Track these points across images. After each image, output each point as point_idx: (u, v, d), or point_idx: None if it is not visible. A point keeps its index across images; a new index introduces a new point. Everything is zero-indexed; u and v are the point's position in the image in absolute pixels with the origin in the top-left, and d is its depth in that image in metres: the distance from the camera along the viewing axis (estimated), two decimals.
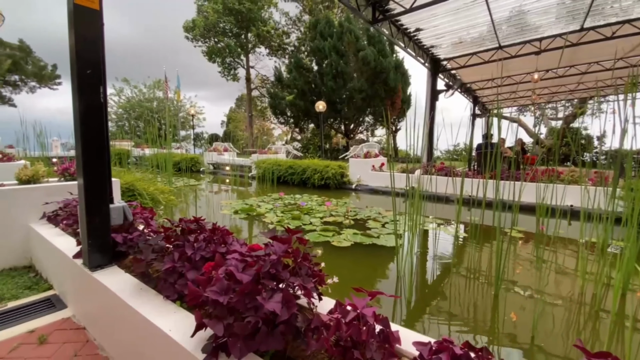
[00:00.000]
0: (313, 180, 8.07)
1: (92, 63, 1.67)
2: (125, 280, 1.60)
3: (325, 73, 18.07)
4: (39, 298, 2.14)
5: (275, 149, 13.51)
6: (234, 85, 29.66)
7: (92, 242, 1.71)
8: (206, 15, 25.25)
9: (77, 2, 1.61)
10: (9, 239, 2.63)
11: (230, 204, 5.92)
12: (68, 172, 3.15)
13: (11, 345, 1.64)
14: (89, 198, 1.69)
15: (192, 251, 1.41)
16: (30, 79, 24.31)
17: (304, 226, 4.28)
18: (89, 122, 1.67)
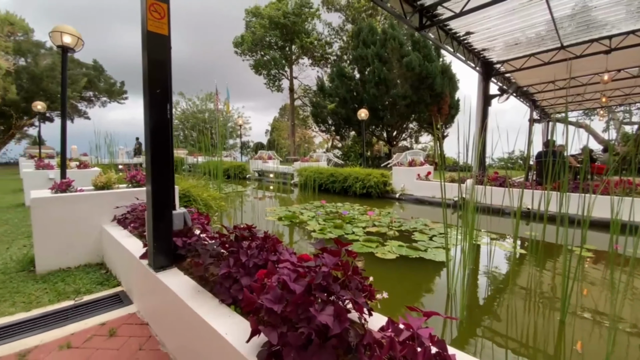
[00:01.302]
0: (354, 188, 8.02)
1: (161, 83, 1.85)
2: (184, 281, 1.71)
3: (367, 80, 18.02)
4: (109, 293, 2.37)
5: (316, 156, 13.69)
6: (278, 95, 30.87)
7: (157, 245, 1.87)
8: (253, 31, 26.64)
9: (149, 29, 1.80)
10: (85, 239, 2.97)
11: (274, 210, 6.10)
12: (135, 180, 3.49)
13: (85, 336, 1.84)
14: (156, 204, 1.86)
15: (246, 258, 1.47)
16: (102, 94, 27.50)
17: (346, 235, 4.26)
18: (157, 136, 1.85)
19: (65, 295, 2.33)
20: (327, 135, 25.76)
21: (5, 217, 4.98)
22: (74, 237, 2.89)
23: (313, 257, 1.42)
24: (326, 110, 19.10)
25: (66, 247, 2.86)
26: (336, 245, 1.37)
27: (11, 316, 2.03)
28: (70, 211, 2.88)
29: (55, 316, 2.05)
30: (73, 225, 2.89)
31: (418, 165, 8.26)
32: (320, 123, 20.59)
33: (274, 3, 26.30)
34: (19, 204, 6.11)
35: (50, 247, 2.79)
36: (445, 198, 2.41)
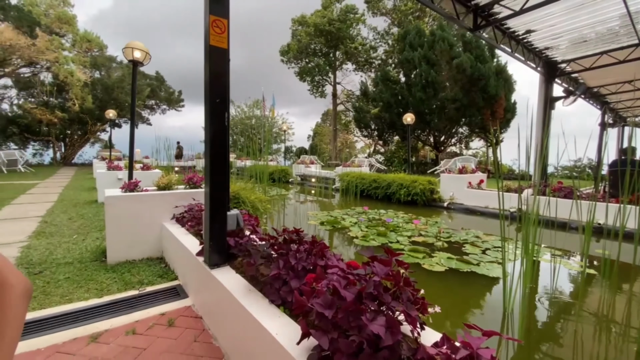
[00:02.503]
0: (399, 195, 7.80)
1: (220, 93, 1.98)
2: (236, 280, 1.80)
3: (413, 84, 17.54)
4: (168, 286, 2.57)
5: (358, 162, 13.61)
6: (321, 101, 31.30)
7: (212, 243, 1.99)
8: (299, 39, 27.40)
9: (211, 43, 1.94)
10: (148, 235, 3.25)
11: (316, 214, 6.17)
12: (192, 182, 3.76)
13: (148, 324, 2.01)
14: (212, 205, 1.98)
15: (295, 261, 1.51)
16: (162, 103, 30.10)
17: (390, 244, 4.15)
18: (216, 143, 1.97)
19: (130, 285, 2.57)
20: (369, 140, 25.48)
21: (81, 212, 5.64)
22: (139, 232, 3.19)
23: (362, 265, 1.41)
24: (369, 114, 18.94)
25: (132, 241, 3.16)
26: (386, 254, 1.34)
27: (86, 301, 2.29)
28: (136, 209, 3.19)
29: (122, 304, 2.27)
30: (138, 221, 3.19)
31: (469, 172, 7.81)
32: (363, 128, 20.45)
33: (320, 11, 26.86)
34: (93, 201, 6.89)
35: (119, 240, 3.10)
36: (502, 209, 2.25)
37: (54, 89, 22.89)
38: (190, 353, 1.71)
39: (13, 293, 0.69)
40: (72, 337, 1.84)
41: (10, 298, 0.68)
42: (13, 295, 0.69)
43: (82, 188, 9.38)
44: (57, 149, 25.91)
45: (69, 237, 3.95)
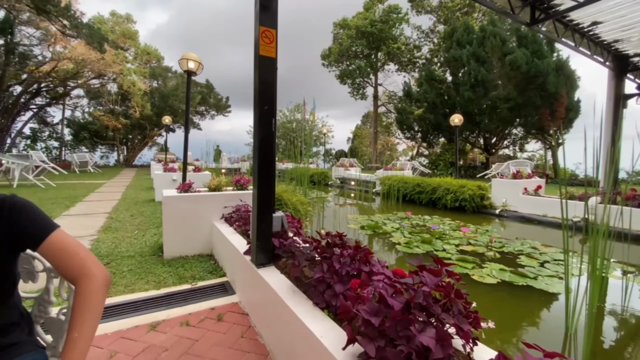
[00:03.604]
0: (445, 201, 7.44)
1: (269, 100, 2.06)
2: (281, 280, 1.85)
3: (461, 83, 16.69)
4: (217, 282, 2.72)
5: (400, 165, 13.25)
6: (361, 103, 31.06)
7: (259, 243, 2.07)
8: (340, 42, 27.51)
9: (261, 53, 2.03)
10: (199, 232, 3.48)
11: (356, 218, 6.12)
12: (239, 184, 3.95)
13: (199, 317, 2.14)
14: (260, 207, 2.06)
15: (339, 265, 1.51)
16: (212, 109, 32.02)
17: (436, 252, 3.98)
18: (264, 148, 2.06)
19: (184, 279, 2.77)
20: (411, 143, 24.72)
21: (141, 210, 6.19)
22: (192, 230, 3.42)
23: (408, 274, 1.38)
24: (412, 116, 18.37)
25: (186, 239, 3.40)
26: (435, 264, 1.30)
27: (146, 292, 2.50)
28: (190, 208, 3.43)
29: (177, 296, 2.45)
30: (191, 220, 3.42)
31: (525, 177, 7.21)
32: (406, 130, 19.89)
33: (362, 13, 26.76)
34: (151, 199, 7.53)
35: (175, 237, 3.35)
36: (566, 218, 2.05)
37: (118, 98, 25.55)
38: (238, 348, 1.79)
39: (95, 283, 0.77)
40: (134, 324, 2.02)
41: (93, 287, 0.76)
42: (95, 284, 0.77)
43: (141, 188, 10.30)
44: (120, 152, 28.79)
45: (131, 232, 4.36)
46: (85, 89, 24.59)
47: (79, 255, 0.81)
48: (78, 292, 0.76)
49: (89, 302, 0.75)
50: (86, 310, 0.74)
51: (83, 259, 0.81)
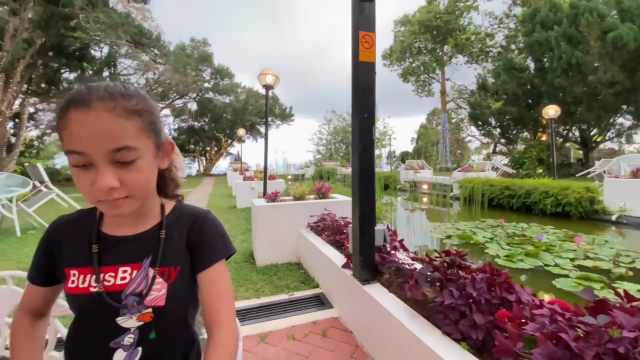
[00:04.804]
0: (543, 205, 6.46)
1: (368, 108, 1.96)
2: (393, 300, 1.71)
3: (548, 69, 14.68)
4: (311, 294, 2.70)
5: (478, 165, 12.10)
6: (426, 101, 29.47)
7: (362, 258, 1.97)
8: (402, 40, 26.59)
9: (360, 59, 1.94)
10: (287, 241, 3.54)
11: (438, 226, 5.68)
12: (321, 192, 3.95)
13: (304, 331, 2.11)
14: (362, 219, 1.97)
15: (476, 292, 1.32)
16: (277, 118, 33.68)
17: (547, 267, 3.43)
18: (364, 157, 1.96)
19: (280, 288, 2.81)
20: (487, 140, 22.53)
21: (226, 217, 6.67)
22: (280, 238, 3.50)
23: (574, 307, 1.13)
24: (489, 110, 16.72)
25: (275, 246, 3.49)
26: (622, 298, 1.03)
27: (248, 300, 2.59)
28: (278, 217, 3.51)
29: (276, 306, 2.48)
30: (280, 228, 3.50)
31: None
32: (481, 126, 18.20)
33: (424, 7, 25.51)
34: (233, 207, 8.09)
35: (265, 245, 3.47)
36: None
37: (197, 114, 28.51)
38: None
39: (233, 340, 0.69)
40: (245, 334, 2.08)
41: (230, 343, 0.68)
42: (233, 342, 0.69)
43: (222, 195, 11.21)
44: (200, 162, 32.04)
45: None
46: (170, 108, 28.03)
47: (228, 297, 0.73)
48: (215, 343, 0.67)
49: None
50: None
51: (230, 304, 0.72)
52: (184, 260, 0.71)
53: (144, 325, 0.66)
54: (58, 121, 0.59)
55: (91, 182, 0.58)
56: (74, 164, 0.58)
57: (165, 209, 0.76)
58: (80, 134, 0.56)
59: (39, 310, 0.74)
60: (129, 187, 0.60)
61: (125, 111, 0.59)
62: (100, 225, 0.71)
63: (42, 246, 0.71)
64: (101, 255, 0.67)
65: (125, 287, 0.66)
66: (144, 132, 0.62)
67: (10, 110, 12.58)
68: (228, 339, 0.67)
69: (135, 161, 0.60)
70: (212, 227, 0.77)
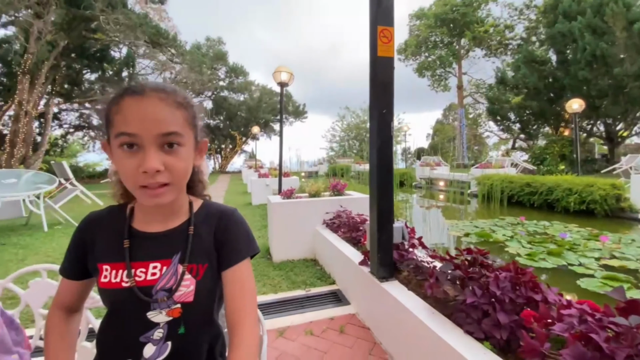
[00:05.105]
0: (566, 203, 6.23)
1: (387, 103, 1.94)
2: (411, 298, 1.70)
3: (571, 62, 14.11)
4: (328, 290, 2.70)
5: (497, 161, 11.77)
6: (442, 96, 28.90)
7: (380, 256, 1.96)
8: (418, 34, 26.10)
9: (379, 54, 1.91)
10: (303, 237, 3.55)
11: (456, 224, 5.58)
12: (336, 189, 3.95)
13: (321, 327, 2.13)
14: (380, 216, 1.95)
15: (499, 291, 1.29)
16: (290, 116, 33.78)
17: (571, 267, 3.32)
18: (382, 154, 1.94)
19: (296, 284, 2.83)
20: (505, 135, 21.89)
21: (242, 213, 6.70)
22: (295, 234, 3.52)
23: (603, 308, 1.09)
24: (508, 105, 16.23)
25: (291, 243, 3.51)
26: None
27: (266, 296, 2.63)
28: (294, 214, 3.54)
29: (294, 302, 2.50)
30: (295, 225, 3.52)
31: None
32: (499, 121, 17.70)
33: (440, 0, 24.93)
34: (248, 203, 8.19)
35: (281, 241, 3.50)
36: None
37: (213, 112, 28.92)
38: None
39: (254, 343, 0.69)
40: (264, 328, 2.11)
41: (251, 344, 0.67)
42: (254, 345, 0.68)
43: (237, 192, 11.36)
44: (215, 160, 32.55)
45: None
46: None
47: (253, 299, 0.72)
48: (237, 345, 0.65)
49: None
50: None
51: (252, 305, 0.71)
52: (211, 258, 0.73)
53: (172, 320, 0.68)
54: (112, 107, 0.62)
55: (137, 165, 0.60)
56: (123, 143, 0.60)
57: (193, 206, 0.77)
58: (133, 117, 0.60)
59: (72, 306, 0.76)
60: (171, 173, 0.63)
61: (174, 102, 0.64)
62: (132, 221, 0.73)
63: (75, 242, 0.73)
64: (132, 251, 0.69)
65: (156, 283, 0.67)
66: (187, 123, 0.66)
67: (36, 110, 13.10)
68: (250, 340, 0.66)
69: (179, 148, 0.64)
70: (237, 225, 0.77)
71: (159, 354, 0.67)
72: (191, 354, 0.71)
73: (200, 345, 0.73)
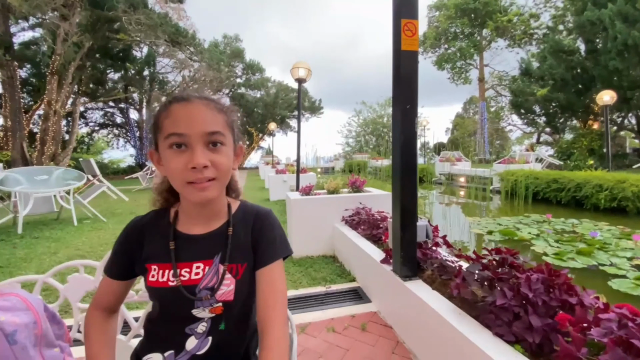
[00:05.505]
0: (595, 200, 5.94)
1: (411, 98, 1.89)
2: (436, 298, 1.66)
3: (601, 51, 13.37)
4: (348, 287, 2.70)
5: (521, 156, 11.34)
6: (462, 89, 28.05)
7: (404, 254, 1.93)
8: (437, 25, 25.40)
9: (403, 48, 1.87)
10: (322, 234, 3.56)
11: (478, 221, 5.43)
12: (355, 186, 3.92)
13: (343, 324, 2.12)
14: (403, 214, 1.92)
15: (532, 293, 1.24)
16: (306, 111, 33.79)
17: (602, 267, 3.17)
18: (406, 151, 1.90)
19: (316, 281, 2.84)
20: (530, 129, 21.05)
21: None
22: (314, 231, 3.53)
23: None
24: (533, 97, 15.58)
25: (310, 239, 3.53)
26: None
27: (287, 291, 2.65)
28: (313, 210, 3.54)
29: (314, 299, 2.51)
30: (315, 221, 3.53)
31: None
32: (523, 114, 17.04)
33: None
34: (266, 199, 8.28)
35: (300, 237, 3.51)
36: None
37: None
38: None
39: (285, 345, 0.69)
40: None
41: (282, 346, 0.68)
42: (284, 347, 0.69)
43: (255, 188, 11.51)
44: None
45: None
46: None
47: (283, 300, 0.73)
48: (268, 346, 0.66)
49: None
50: None
51: (283, 306, 0.72)
52: (249, 258, 0.76)
53: (215, 317, 0.73)
54: (161, 113, 0.69)
55: (185, 162, 0.65)
56: (172, 143, 0.66)
57: (231, 207, 0.81)
58: (181, 119, 0.66)
59: (111, 306, 0.79)
60: (217, 168, 0.68)
61: (216, 107, 0.71)
62: (176, 224, 0.77)
63: (121, 244, 0.77)
64: (177, 252, 0.73)
65: (199, 282, 0.71)
66: (228, 126, 0.73)
67: (64, 109, 13.69)
68: (281, 342, 0.67)
69: (222, 147, 0.70)
70: (272, 227, 0.80)
71: (200, 347, 0.71)
72: (230, 349, 0.75)
73: (238, 342, 0.77)
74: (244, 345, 0.78)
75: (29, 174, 5.10)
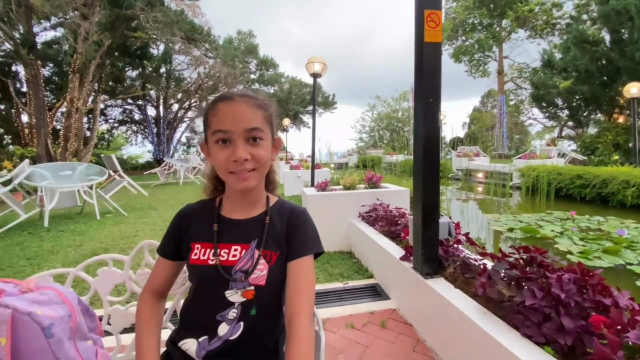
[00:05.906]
0: (622, 196, 5.69)
1: (434, 91, 1.84)
2: (459, 296, 1.63)
3: (628, 42, 12.71)
4: (366, 284, 2.68)
5: (542, 151, 10.96)
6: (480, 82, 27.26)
7: (425, 251, 1.89)
8: (454, 17, 24.72)
9: (426, 40, 1.82)
10: (338, 229, 3.55)
11: (497, 218, 5.29)
12: (372, 181, 3.88)
13: (362, 320, 2.11)
14: (425, 211, 1.88)
15: (564, 294, 1.20)
16: (320, 107, 33.65)
17: (630, 267, 3.04)
18: (428, 146, 1.86)
19: (334, 276, 2.84)
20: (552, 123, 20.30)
21: None
22: (331, 227, 3.52)
23: None
24: (556, 90, 14.99)
25: (326, 234, 3.51)
26: None
27: None
28: (328, 206, 3.54)
29: (332, 294, 2.51)
30: (331, 217, 3.52)
31: None
32: (545, 107, 16.43)
33: None
34: (280, 194, 8.28)
35: None
36: None
37: None
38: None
39: (310, 338, 0.70)
40: None
41: (307, 340, 0.69)
42: (310, 338, 0.70)
43: None
44: None
45: None
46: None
47: (310, 294, 0.75)
48: (297, 339, 0.67)
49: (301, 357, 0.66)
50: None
51: (310, 300, 0.74)
52: (282, 248, 0.81)
53: (246, 302, 0.76)
54: (209, 112, 0.77)
55: (228, 156, 0.73)
56: (218, 139, 0.74)
57: (270, 200, 0.89)
58: (225, 117, 0.74)
59: (161, 290, 0.86)
60: (256, 160, 0.75)
61: (256, 104, 0.77)
62: (220, 210, 0.86)
63: (173, 226, 0.86)
64: (219, 234, 0.81)
65: (235, 264, 0.77)
66: (266, 121, 0.79)
67: (85, 106, 14.10)
68: (307, 336, 0.69)
69: (261, 142, 0.76)
70: (306, 223, 0.86)
71: (232, 333, 0.75)
72: (261, 339, 0.78)
73: (268, 332, 0.80)
74: (274, 338, 0.82)
75: (54, 170, 5.29)
